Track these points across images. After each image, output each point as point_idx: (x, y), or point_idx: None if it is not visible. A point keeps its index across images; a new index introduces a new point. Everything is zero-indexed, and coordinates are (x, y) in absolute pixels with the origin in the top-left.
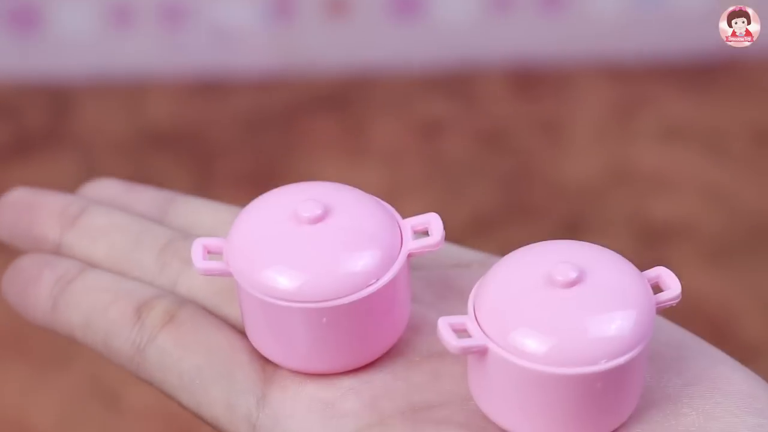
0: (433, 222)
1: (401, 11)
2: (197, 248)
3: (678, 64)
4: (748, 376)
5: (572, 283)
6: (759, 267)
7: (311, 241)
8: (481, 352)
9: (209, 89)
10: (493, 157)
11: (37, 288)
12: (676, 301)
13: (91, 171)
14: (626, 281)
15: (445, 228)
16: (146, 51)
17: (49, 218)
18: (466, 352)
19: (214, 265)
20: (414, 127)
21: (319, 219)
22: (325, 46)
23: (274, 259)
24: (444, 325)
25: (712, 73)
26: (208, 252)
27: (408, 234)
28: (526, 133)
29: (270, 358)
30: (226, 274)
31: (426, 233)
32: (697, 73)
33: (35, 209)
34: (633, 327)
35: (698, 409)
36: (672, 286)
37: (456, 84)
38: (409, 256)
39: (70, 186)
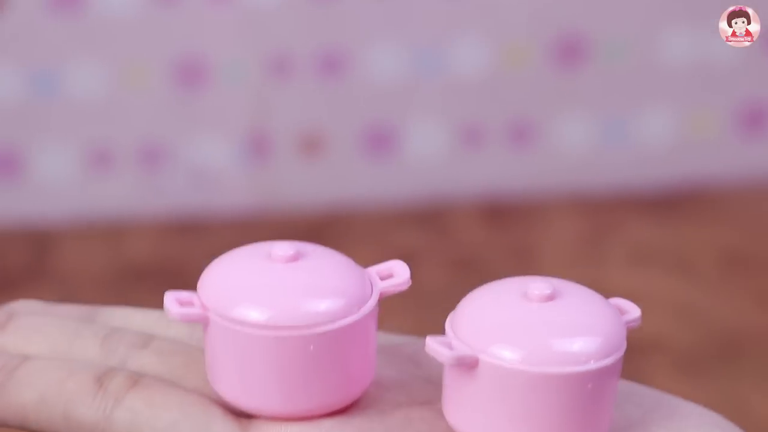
0: (397, 266)
1: (375, 148)
2: (169, 298)
3: (644, 196)
4: (697, 405)
5: (548, 298)
6: (730, 377)
7: (288, 277)
8: (472, 365)
9: (188, 229)
10: (467, 283)
11: None
12: (638, 322)
13: None
14: (595, 300)
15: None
16: (126, 193)
17: None
18: (461, 362)
19: (190, 310)
20: (389, 257)
21: (292, 259)
22: (301, 184)
23: (255, 294)
24: (433, 341)
25: (676, 203)
26: (180, 304)
27: (375, 278)
28: (498, 259)
29: (245, 406)
30: (203, 319)
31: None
32: (663, 203)
33: None
34: (612, 333)
35: (666, 427)
36: (631, 311)
37: (430, 216)
38: (380, 296)
39: None
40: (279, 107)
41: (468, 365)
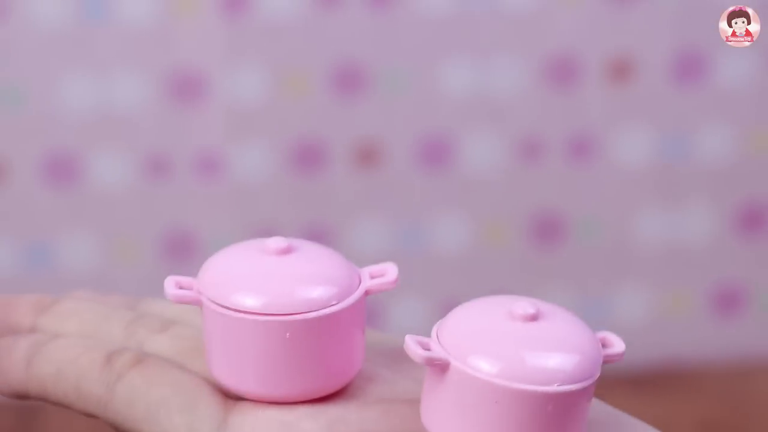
0: (389, 268)
1: None
2: (169, 282)
3: (623, 372)
4: None
5: (531, 318)
6: None
7: (277, 268)
8: (443, 367)
9: None
10: None
11: (13, 354)
12: (621, 358)
13: None
14: (578, 327)
15: None
16: None
17: (24, 308)
18: (430, 362)
19: (185, 293)
20: None
21: (285, 251)
22: None
23: (242, 281)
24: (411, 339)
25: (655, 380)
26: (180, 287)
27: (366, 276)
28: None
29: (232, 385)
30: (196, 302)
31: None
32: (642, 379)
33: (12, 304)
34: (585, 361)
35: None
36: (616, 344)
37: None
38: (367, 293)
39: None
40: None
41: (439, 367)
